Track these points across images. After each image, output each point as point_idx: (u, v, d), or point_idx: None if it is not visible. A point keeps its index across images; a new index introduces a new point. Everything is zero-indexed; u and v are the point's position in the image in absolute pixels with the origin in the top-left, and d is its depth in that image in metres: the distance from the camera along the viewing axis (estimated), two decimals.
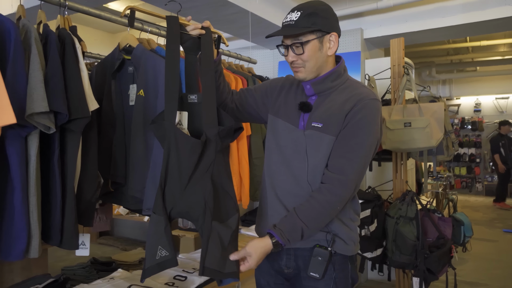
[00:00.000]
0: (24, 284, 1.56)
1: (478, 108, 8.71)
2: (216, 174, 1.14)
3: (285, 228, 1.13)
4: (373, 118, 1.18)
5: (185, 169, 1.12)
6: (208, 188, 1.11)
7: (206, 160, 1.13)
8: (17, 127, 1.12)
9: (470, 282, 3.45)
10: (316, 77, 1.22)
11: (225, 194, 1.16)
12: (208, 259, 1.08)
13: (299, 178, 1.20)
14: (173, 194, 1.14)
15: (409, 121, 2.58)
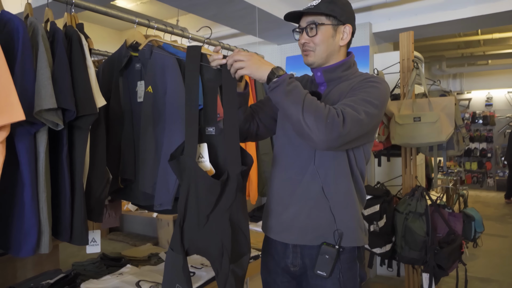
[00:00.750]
0: (36, 279, 1.59)
1: (489, 102, 8.58)
2: (234, 213, 1.12)
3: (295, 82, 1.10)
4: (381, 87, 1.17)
5: (203, 207, 1.11)
6: (226, 229, 1.10)
7: (225, 200, 1.11)
8: (26, 124, 1.13)
9: (481, 278, 3.41)
10: (325, 65, 1.24)
11: (240, 233, 1.13)
12: None
13: (307, 163, 1.20)
14: (191, 231, 1.13)
15: (419, 115, 2.55)
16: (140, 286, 1.47)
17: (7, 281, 2.76)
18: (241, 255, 1.13)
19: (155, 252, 2.16)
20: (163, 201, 1.58)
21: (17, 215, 1.16)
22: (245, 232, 1.14)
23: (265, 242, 1.33)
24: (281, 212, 1.23)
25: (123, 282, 1.51)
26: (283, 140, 1.26)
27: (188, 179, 1.12)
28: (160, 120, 1.63)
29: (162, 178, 1.58)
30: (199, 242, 1.12)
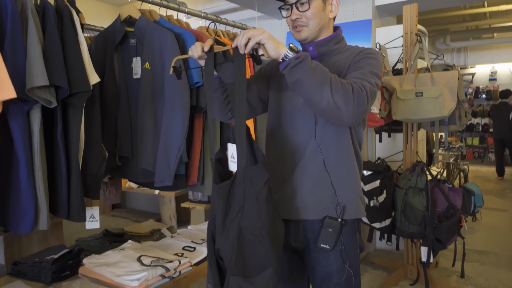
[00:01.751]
0: (41, 254, 1.62)
1: (493, 76, 8.45)
2: (246, 220, 0.98)
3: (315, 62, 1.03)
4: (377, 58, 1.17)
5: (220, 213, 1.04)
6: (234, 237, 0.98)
7: (235, 205, 1.01)
8: (18, 102, 1.11)
9: (478, 250, 3.46)
10: (317, 39, 1.22)
11: (257, 245, 0.98)
12: None
13: (308, 141, 1.19)
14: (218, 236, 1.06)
15: (421, 90, 2.52)
16: (142, 261, 1.49)
17: (14, 256, 2.83)
18: (255, 271, 0.98)
19: (157, 228, 2.19)
20: (163, 178, 1.59)
21: (14, 192, 1.17)
22: (264, 241, 0.97)
23: None
24: (281, 189, 1.23)
25: (125, 257, 1.53)
26: (278, 118, 1.24)
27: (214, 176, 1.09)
28: (158, 97, 1.62)
29: (162, 155, 1.58)
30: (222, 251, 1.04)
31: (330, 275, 1.20)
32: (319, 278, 1.23)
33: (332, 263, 1.20)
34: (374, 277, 2.93)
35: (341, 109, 1.01)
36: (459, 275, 2.88)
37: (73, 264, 1.55)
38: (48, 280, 1.44)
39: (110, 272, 1.41)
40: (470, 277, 2.90)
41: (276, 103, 1.26)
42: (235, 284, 0.95)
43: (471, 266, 3.09)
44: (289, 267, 1.30)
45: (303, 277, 1.32)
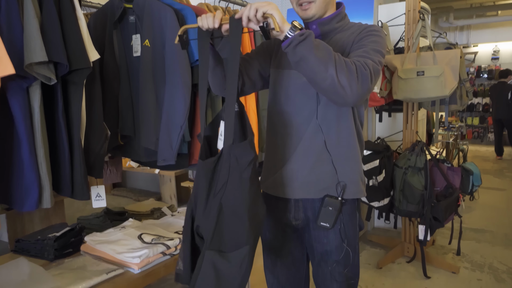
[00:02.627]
0: (43, 232, 1.63)
1: (496, 55, 8.36)
2: (228, 197, 0.99)
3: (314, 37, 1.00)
4: (382, 40, 1.14)
5: (202, 189, 1.04)
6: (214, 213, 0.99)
7: (219, 181, 1.00)
8: (17, 78, 1.10)
9: (475, 229, 3.52)
10: (321, 17, 1.20)
11: (235, 221, 0.99)
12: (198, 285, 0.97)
13: (309, 116, 1.18)
14: (199, 212, 1.06)
15: (422, 69, 2.49)
16: (143, 239, 1.51)
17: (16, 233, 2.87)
18: (231, 247, 0.99)
19: (158, 207, 2.20)
20: (166, 157, 1.59)
21: (17, 171, 1.17)
22: (242, 220, 0.98)
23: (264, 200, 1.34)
24: (282, 168, 1.23)
25: (126, 235, 1.55)
26: (279, 96, 1.23)
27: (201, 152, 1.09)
28: (160, 74, 1.59)
29: (164, 134, 1.58)
30: (202, 226, 1.04)
31: (329, 253, 1.22)
32: (319, 255, 1.25)
33: (332, 241, 1.21)
34: (372, 255, 2.98)
35: (345, 88, 1.00)
36: (455, 252, 2.94)
37: (75, 241, 1.57)
38: (51, 257, 1.47)
39: (112, 250, 1.42)
40: (466, 255, 2.95)
41: (277, 81, 1.24)
42: (209, 259, 0.96)
43: (467, 244, 3.14)
44: (289, 245, 1.32)
45: (303, 255, 1.34)
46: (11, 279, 1.17)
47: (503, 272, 2.66)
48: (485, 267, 2.74)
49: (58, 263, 1.40)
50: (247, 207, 0.99)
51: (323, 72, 0.99)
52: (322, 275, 1.26)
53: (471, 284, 2.50)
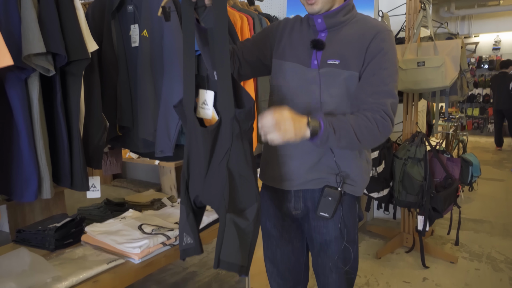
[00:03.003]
0: (44, 222, 1.64)
1: (497, 46, 8.32)
2: (233, 162, 1.04)
3: (334, 121, 1.03)
4: (394, 49, 1.16)
5: (202, 157, 1.07)
6: (224, 178, 1.04)
7: (221, 148, 1.05)
8: (15, 70, 1.09)
9: (474, 219, 3.54)
10: (328, 10, 1.17)
11: (243, 182, 1.06)
12: (224, 251, 1.03)
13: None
14: (196, 183, 1.10)
15: (423, 60, 2.48)
16: (143, 229, 1.52)
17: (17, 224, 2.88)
18: (245, 206, 1.06)
19: (158, 197, 2.21)
20: (164, 148, 1.59)
21: (17, 162, 1.17)
22: (249, 180, 1.06)
23: (264, 189, 1.35)
24: (284, 163, 1.22)
25: (126, 225, 1.56)
26: (282, 89, 1.22)
27: (189, 130, 1.10)
28: (158, 65, 1.58)
29: (162, 125, 1.57)
30: (205, 193, 1.10)
31: (328, 243, 1.23)
32: (318, 246, 1.26)
33: (331, 231, 1.22)
34: (371, 245, 3.00)
35: (373, 145, 1.14)
36: (453, 242, 2.96)
37: (75, 232, 1.58)
38: (51, 247, 1.48)
39: (112, 240, 1.43)
40: (464, 245, 2.97)
41: (280, 73, 1.23)
42: (230, 220, 1.03)
43: (466, 234, 3.16)
44: (288, 234, 1.33)
45: (302, 244, 1.35)
46: (13, 268, 1.18)
47: (501, 261, 2.68)
48: (483, 257, 2.76)
49: (59, 253, 1.41)
50: (251, 168, 1.06)
51: (354, 148, 1.14)
52: (321, 265, 1.27)
53: (469, 273, 2.53)
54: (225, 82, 1.02)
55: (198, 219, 1.17)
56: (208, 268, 2.68)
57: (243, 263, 1.05)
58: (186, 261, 2.80)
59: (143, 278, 2.47)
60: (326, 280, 1.27)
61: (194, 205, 1.14)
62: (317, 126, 1.01)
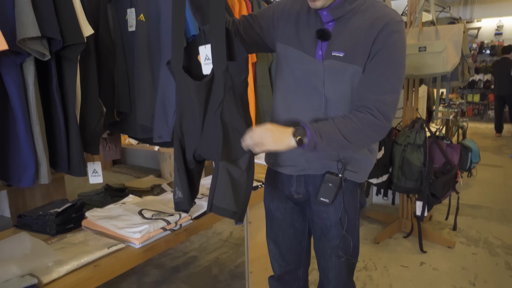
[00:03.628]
0: (44, 207, 1.65)
1: (499, 31, 8.22)
2: (226, 113, 1.07)
3: (320, 127, 1.05)
4: (403, 42, 1.10)
5: (197, 111, 1.09)
6: (218, 129, 1.07)
7: (214, 100, 1.07)
8: (10, 54, 1.08)
9: (472, 205, 3.56)
10: (332, 3, 1.10)
11: (236, 134, 1.10)
12: (217, 197, 1.08)
13: (316, 113, 1.15)
14: (193, 137, 1.12)
15: (424, 45, 2.45)
16: (143, 214, 1.53)
17: (18, 209, 2.91)
18: (237, 157, 1.10)
19: (158, 183, 2.22)
20: (162, 133, 1.58)
21: (13, 147, 1.17)
22: (242, 132, 1.09)
23: (268, 173, 1.36)
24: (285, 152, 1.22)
25: (126, 210, 1.57)
26: (290, 81, 1.19)
27: (180, 86, 1.12)
28: (155, 50, 1.57)
29: (160, 111, 1.56)
30: (202, 146, 1.12)
31: (329, 228, 1.24)
32: (319, 230, 1.27)
33: (331, 216, 1.23)
34: (369, 230, 3.03)
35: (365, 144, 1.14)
36: (451, 228, 2.99)
37: (76, 217, 1.59)
38: (53, 232, 1.49)
39: (113, 225, 1.44)
40: (462, 230, 3.00)
41: (284, 59, 1.20)
42: (223, 168, 1.07)
43: (464, 220, 3.19)
44: (290, 217, 1.34)
45: (304, 227, 1.36)
46: (14, 253, 1.19)
47: (498, 246, 2.71)
48: (480, 242, 2.79)
49: (60, 238, 1.42)
50: (244, 120, 1.10)
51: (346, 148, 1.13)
52: (322, 249, 1.28)
53: (466, 258, 2.56)
54: (218, 35, 1.03)
55: (192, 174, 1.20)
56: (208, 252, 2.72)
57: (237, 209, 1.09)
58: (186, 245, 2.83)
59: (144, 262, 2.50)
60: (326, 264, 1.29)
61: (193, 159, 1.16)
62: (303, 134, 1.04)
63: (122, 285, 2.31)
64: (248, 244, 2.01)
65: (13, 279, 1.06)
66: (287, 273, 1.41)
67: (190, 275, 2.42)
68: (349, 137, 1.05)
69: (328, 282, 1.31)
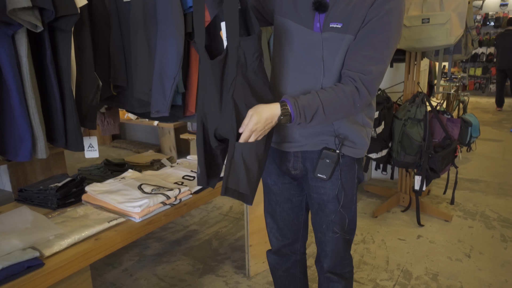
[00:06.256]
0: (45, 182, 1.66)
1: (505, 1, 8.02)
2: (239, 92, 1.04)
3: (300, 100, 1.04)
4: (400, 11, 1.06)
5: (215, 91, 1.07)
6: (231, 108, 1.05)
7: (228, 79, 1.04)
8: (1, 25, 1.04)
9: (470, 179, 3.58)
10: None
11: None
12: (231, 179, 1.06)
13: (313, 85, 1.13)
14: (214, 116, 1.10)
15: (428, 17, 2.39)
16: (143, 189, 1.53)
17: (19, 183, 2.93)
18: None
19: (157, 158, 2.22)
20: (159, 108, 1.56)
21: (9, 121, 1.15)
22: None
23: None
24: (283, 128, 1.21)
25: (126, 185, 1.57)
26: (288, 55, 1.17)
27: (203, 66, 1.09)
28: (151, 22, 1.52)
29: (157, 84, 1.54)
30: (222, 126, 1.11)
31: (326, 203, 1.25)
32: (316, 205, 1.28)
33: (329, 192, 1.23)
34: (368, 204, 3.06)
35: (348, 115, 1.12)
36: (449, 202, 3.02)
37: (76, 191, 1.60)
38: (53, 206, 1.50)
39: (113, 199, 1.45)
40: (459, 203, 3.03)
41: (283, 34, 1.17)
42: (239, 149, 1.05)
43: (461, 194, 3.22)
44: (288, 192, 1.34)
45: (301, 202, 1.37)
46: (15, 226, 1.20)
47: (494, 219, 2.75)
48: (477, 215, 2.82)
49: (61, 212, 1.43)
50: (257, 97, 1.06)
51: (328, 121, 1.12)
52: (319, 223, 1.30)
53: (462, 231, 2.60)
54: (231, 9, 1.00)
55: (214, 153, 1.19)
56: (209, 226, 2.75)
57: (250, 192, 1.09)
58: (186, 220, 2.87)
59: (145, 236, 2.54)
60: (324, 238, 1.30)
61: (215, 138, 1.15)
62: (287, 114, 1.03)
63: (123, 257, 2.36)
64: (247, 218, 2.03)
65: (15, 252, 1.08)
66: (284, 246, 1.43)
67: (191, 248, 2.46)
68: (327, 109, 1.05)
69: (325, 255, 1.33)
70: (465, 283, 2.02)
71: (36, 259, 1.08)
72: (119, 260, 2.33)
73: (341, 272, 1.35)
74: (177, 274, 2.17)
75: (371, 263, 2.23)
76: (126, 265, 2.27)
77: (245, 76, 1.05)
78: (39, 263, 1.08)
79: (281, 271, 1.48)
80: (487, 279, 2.05)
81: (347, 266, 1.36)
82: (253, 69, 1.06)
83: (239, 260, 2.29)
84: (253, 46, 1.03)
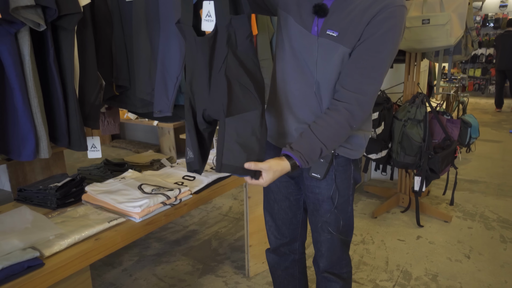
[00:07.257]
0: (44, 182, 1.65)
1: (504, 3, 8.03)
2: (231, 69, 1.03)
3: (303, 150, 1.06)
4: (399, 30, 1.04)
5: (204, 69, 1.05)
6: (224, 86, 1.03)
7: (218, 58, 1.03)
8: (4, 23, 1.04)
9: (469, 180, 3.59)
10: None
11: (244, 90, 1.05)
12: (226, 155, 1.03)
13: (309, 88, 1.13)
14: (202, 96, 1.08)
15: (428, 17, 2.40)
16: (143, 189, 1.53)
17: (19, 183, 2.92)
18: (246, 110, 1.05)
19: (157, 158, 2.22)
20: (162, 108, 1.56)
21: (12, 121, 1.15)
22: (248, 87, 1.05)
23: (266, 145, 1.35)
24: (280, 123, 1.22)
25: (126, 185, 1.57)
26: (288, 51, 1.17)
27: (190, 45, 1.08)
28: (154, 21, 1.52)
29: (160, 84, 1.53)
30: (211, 105, 1.08)
31: (321, 203, 1.25)
32: (311, 204, 1.28)
33: (323, 191, 1.23)
34: (368, 205, 3.06)
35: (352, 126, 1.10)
36: (448, 202, 3.02)
37: (76, 191, 1.59)
38: (53, 206, 1.49)
39: (112, 199, 1.45)
40: (459, 204, 3.04)
41: (285, 29, 1.16)
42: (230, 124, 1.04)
43: (461, 194, 3.22)
44: (285, 190, 1.35)
45: (299, 201, 1.37)
46: (15, 226, 1.19)
47: (493, 220, 2.75)
48: (477, 216, 2.83)
49: (61, 212, 1.42)
50: (250, 75, 1.06)
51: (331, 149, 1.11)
52: (315, 223, 1.30)
53: (461, 231, 2.60)
54: None
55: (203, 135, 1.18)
56: (208, 226, 2.75)
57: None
58: (186, 220, 2.87)
59: (145, 236, 2.54)
60: (319, 237, 1.30)
61: (203, 120, 1.13)
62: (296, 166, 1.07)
63: (123, 257, 2.35)
64: (247, 218, 2.03)
65: (15, 252, 1.07)
66: (283, 245, 1.43)
67: (191, 248, 2.46)
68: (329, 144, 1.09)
69: (321, 255, 1.33)
70: (464, 283, 2.03)
71: (36, 259, 1.08)
72: (119, 260, 2.32)
73: (339, 272, 1.35)
74: (176, 274, 2.17)
75: (370, 264, 2.23)
76: (125, 265, 2.27)
77: (235, 54, 1.04)
78: (39, 263, 1.08)
79: (280, 270, 1.48)
80: (486, 279, 2.05)
81: (345, 267, 1.35)
82: (243, 49, 1.05)
83: (239, 260, 2.29)
84: (244, 25, 1.02)
